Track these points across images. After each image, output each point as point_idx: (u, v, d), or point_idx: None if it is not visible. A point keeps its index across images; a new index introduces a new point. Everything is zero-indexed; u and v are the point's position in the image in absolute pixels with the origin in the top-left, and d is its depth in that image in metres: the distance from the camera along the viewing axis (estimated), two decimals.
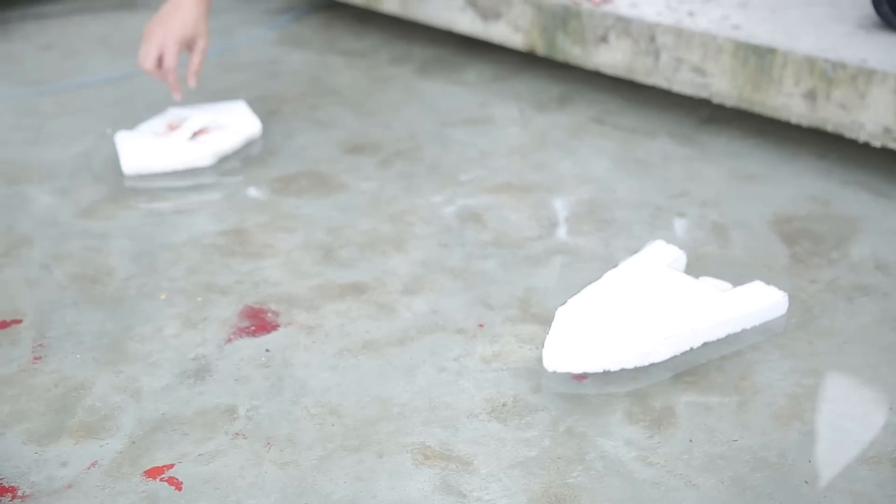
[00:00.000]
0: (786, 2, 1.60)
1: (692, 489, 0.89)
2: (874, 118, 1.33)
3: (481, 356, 1.06)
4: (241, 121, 1.53)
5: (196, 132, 1.49)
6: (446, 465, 0.91)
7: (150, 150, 1.43)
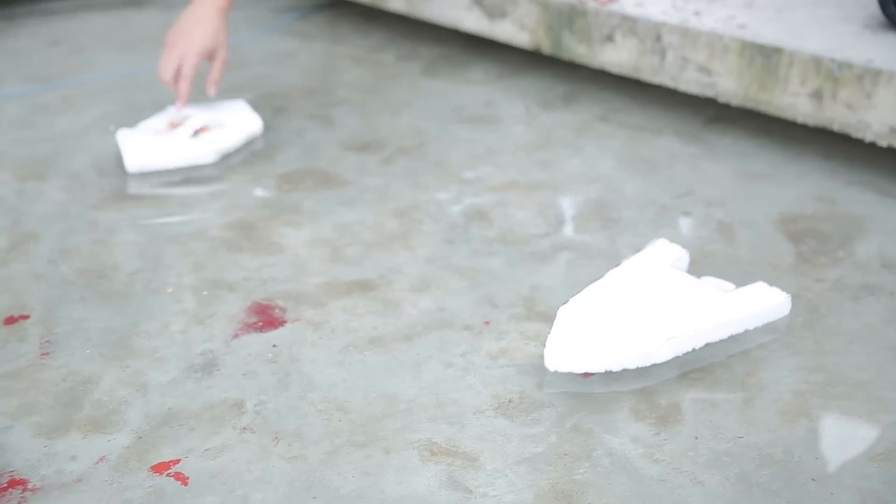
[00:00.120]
0: (792, 2, 1.60)
1: (698, 486, 0.89)
2: (880, 118, 1.34)
3: (488, 352, 1.06)
4: (242, 119, 1.54)
5: (197, 130, 1.49)
6: (453, 461, 0.91)
7: (153, 148, 1.44)
